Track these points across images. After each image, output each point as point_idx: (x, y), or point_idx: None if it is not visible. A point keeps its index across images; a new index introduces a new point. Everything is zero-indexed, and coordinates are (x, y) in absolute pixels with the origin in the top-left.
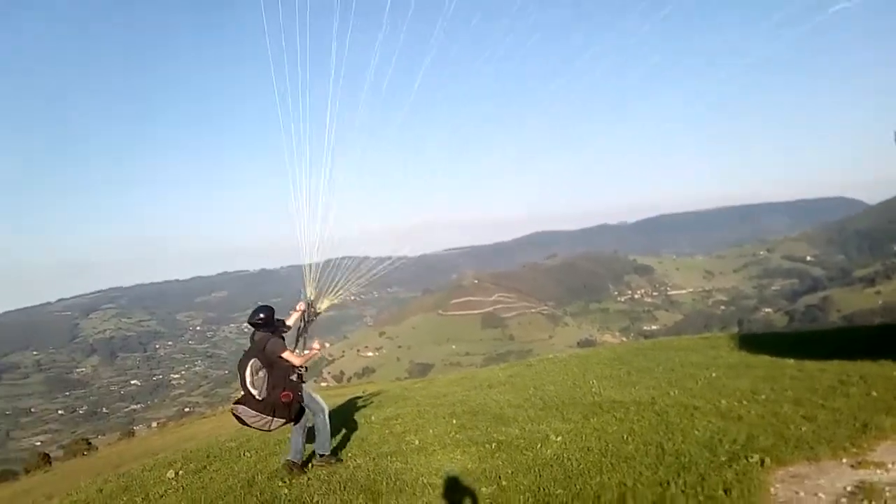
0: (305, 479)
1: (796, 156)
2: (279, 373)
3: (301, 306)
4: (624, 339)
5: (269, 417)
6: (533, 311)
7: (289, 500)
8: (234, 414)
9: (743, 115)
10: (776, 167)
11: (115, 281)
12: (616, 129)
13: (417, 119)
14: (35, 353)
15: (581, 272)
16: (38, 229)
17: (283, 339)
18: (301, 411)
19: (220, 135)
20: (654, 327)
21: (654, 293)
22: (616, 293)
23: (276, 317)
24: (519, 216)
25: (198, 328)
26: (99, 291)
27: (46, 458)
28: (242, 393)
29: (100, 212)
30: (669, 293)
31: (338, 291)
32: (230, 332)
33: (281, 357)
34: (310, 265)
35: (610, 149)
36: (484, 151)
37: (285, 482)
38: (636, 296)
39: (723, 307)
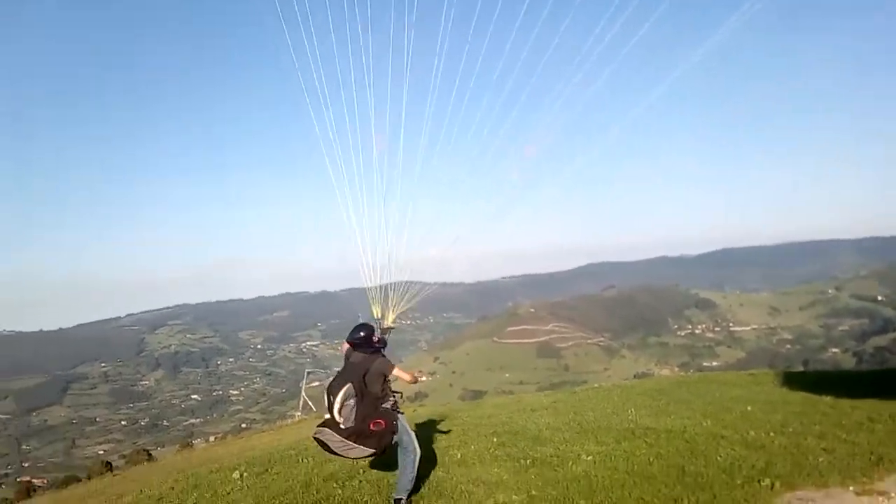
0: (357, 482)
1: (866, 191)
2: (370, 402)
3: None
4: (683, 374)
5: (354, 445)
6: (589, 342)
7: (342, 500)
8: (316, 438)
9: (812, 149)
10: (845, 202)
11: (182, 298)
12: (677, 159)
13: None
14: (103, 365)
15: (639, 305)
16: (111, 245)
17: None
18: (390, 443)
19: (282, 159)
20: (714, 363)
21: (716, 329)
22: (676, 327)
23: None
24: (575, 246)
25: (258, 346)
26: (166, 308)
27: (108, 466)
28: (327, 416)
29: (168, 231)
30: (732, 329)
31: (400, 307)
32: (289, 352)
33: (386, 377)
34: (375, 287)
35: (670, 179)
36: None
37: (339, 484)
38: (697, 331)
39: (788, 346)
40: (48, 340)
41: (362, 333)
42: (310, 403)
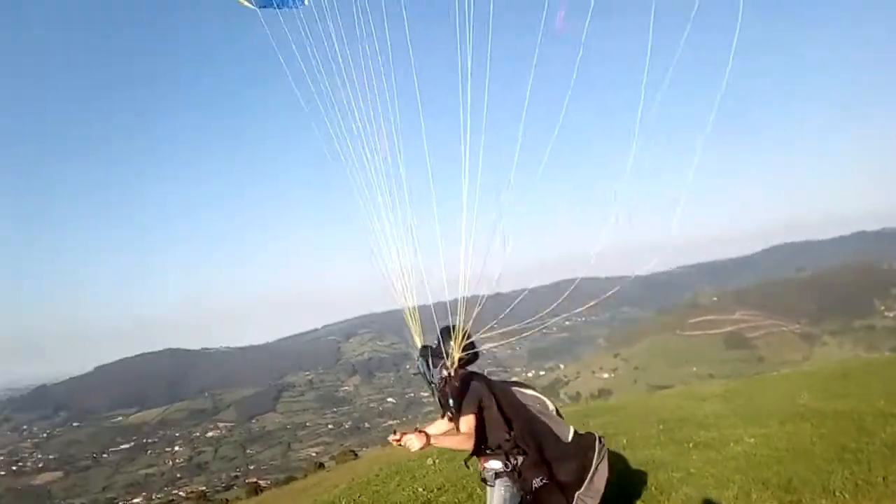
0: None
1: None
2: None
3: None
4: (871, 357)
5: None
6: (783, 329)
7: None
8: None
9: None
10: None
11: (368, 308)
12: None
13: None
14: (306, 373)
15: (838, 286)
16: (303, 264)
17: None
18: None
19: None
20: None
21: None
22: (883, 308)
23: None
24: (761, 226)
25: None
26: (356, 318)
27: (321, 466)
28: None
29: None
30: None
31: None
32: None
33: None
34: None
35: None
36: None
37: None
38: None
39: None
40: (257, 353)
41: None
42: None
